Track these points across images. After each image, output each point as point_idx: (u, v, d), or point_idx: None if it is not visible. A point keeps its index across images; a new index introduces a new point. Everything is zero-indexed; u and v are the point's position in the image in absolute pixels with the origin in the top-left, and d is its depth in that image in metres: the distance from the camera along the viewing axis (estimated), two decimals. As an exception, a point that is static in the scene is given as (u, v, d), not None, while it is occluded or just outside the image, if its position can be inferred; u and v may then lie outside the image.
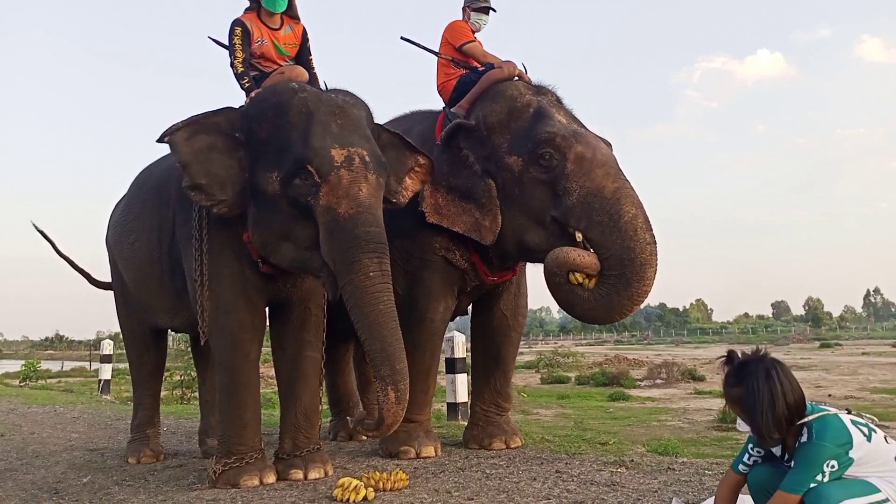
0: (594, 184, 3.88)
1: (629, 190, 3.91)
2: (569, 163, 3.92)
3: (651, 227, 3.84)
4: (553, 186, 3.95)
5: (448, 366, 6.52)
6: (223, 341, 3.89)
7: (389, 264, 3.53)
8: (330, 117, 3.66)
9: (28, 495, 4.07)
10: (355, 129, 3.71)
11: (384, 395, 3.33)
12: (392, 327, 3.45)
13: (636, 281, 3.74)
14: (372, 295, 3.42)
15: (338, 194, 3.48)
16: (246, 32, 4.17)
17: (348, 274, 3.43)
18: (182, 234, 4.08)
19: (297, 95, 3.70)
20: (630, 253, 3.75)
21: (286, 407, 4.13)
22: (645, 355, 24.27)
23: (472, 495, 3.41)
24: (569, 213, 3.89)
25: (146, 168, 5.00)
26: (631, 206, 3.84)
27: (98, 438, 6.19)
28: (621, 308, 3.81)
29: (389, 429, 3.43)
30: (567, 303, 3.94)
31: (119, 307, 5.32)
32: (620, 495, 3.30)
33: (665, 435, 5.91)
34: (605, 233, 3.80)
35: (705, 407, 8.87)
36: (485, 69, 4.47)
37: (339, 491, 3.42)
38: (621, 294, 3.76)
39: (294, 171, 3.53)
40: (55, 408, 8.72)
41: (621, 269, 3.75)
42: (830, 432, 2.24)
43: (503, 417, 4.78)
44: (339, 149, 3.55)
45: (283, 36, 4.31)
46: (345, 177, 3.50)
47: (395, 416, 3.36)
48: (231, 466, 3.82)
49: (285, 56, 4.31)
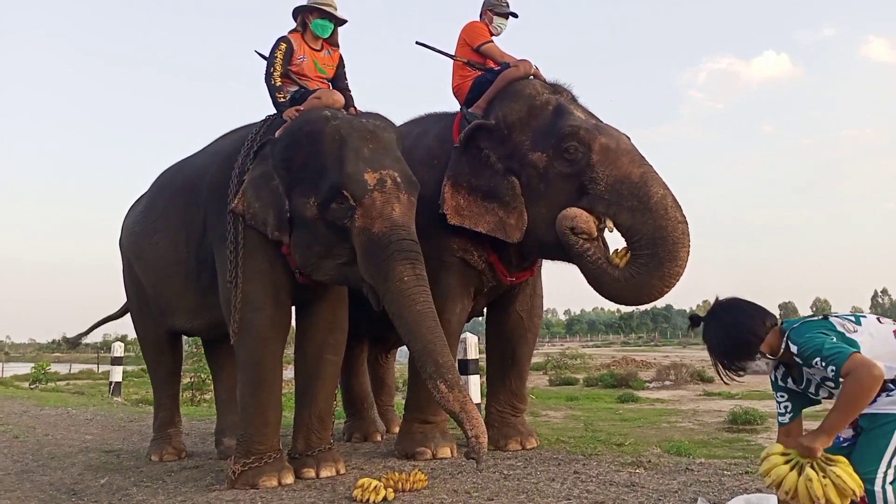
0: (621, 171, 3.90)
1: (655, 173, 3.93)
2: (594, 154, 3.94)
3: (681, 207, 3.85)
4: (579, 178, 3.97)
5: (461, 367, 6.48)
6: (250, 339, 3.94)
7: (425, 271, 3.61)
8: (362, 142, 3.80)
9: (47, 496, 4.10)
10: (386, 152, 3.85)
11: (436, 391, 3.37)
12: (431, 325, 3.51)
13: (668, 261, 3.75)
14: (408, 297, 3.51)
15: (372, 216, 3.62)
16: (290, 49, 4.34)
17: (385, 284, 3.55)
18: (215, 235, 4.16)
19: (329, 123, 3.84)
20: (662, 232, 3.75)
21: (301, 407, 4.18)
22: (653, 357, 24.23)
23: (492, 496, 3.42)
24: (597, 201, 3.90)
25: (169, 168, 5.06)
26: (659, 187, 3.86)
27: (112, 440, 6.21)
28: (651, 289, 3.81)
29: (469, 414, 3.34)
30: (596, 281, 3.93)
31: (134, 310, 5.36)
32: (641, 495, 3.30)
33: (676, 436, 5.90)
34: (636, 215, 3.81)
35: (715, 408, 8.85)
36: (500, 69, 4.49)
37: (358, 491, 3.43)
38: (653, 274, 3.77)
39: (330, 197, 3.69)
40: (67, 410, 8.74)
41: (653, 249, 3.75)
42: (807, 326, 2.36)
43: (518, 418, 4.78)
44: (371, 172, 3.69)
45: (322, 57, 4.47)
46: (378, 199, 3.64)
47: (459, 403, 3.35)
48: (250, 466, 3.85)
49: (323, 75, 4.47)
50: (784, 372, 2.52)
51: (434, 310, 3.58)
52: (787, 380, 2.52)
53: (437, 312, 4.30)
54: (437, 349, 3.46)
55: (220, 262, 4.08)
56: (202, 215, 4.33)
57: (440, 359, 3.43)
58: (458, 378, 3.46)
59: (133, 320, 5.40)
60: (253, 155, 4.03)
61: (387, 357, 6.10)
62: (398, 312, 3.54)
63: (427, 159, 4.46)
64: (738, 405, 8.25)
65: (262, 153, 3.99)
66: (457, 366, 5.47)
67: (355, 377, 5.66)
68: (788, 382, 2.52)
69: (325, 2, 4.37)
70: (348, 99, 4.37)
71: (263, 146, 4.02)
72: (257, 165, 3.95)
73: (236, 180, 4.00)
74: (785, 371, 2.51)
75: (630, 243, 3.86)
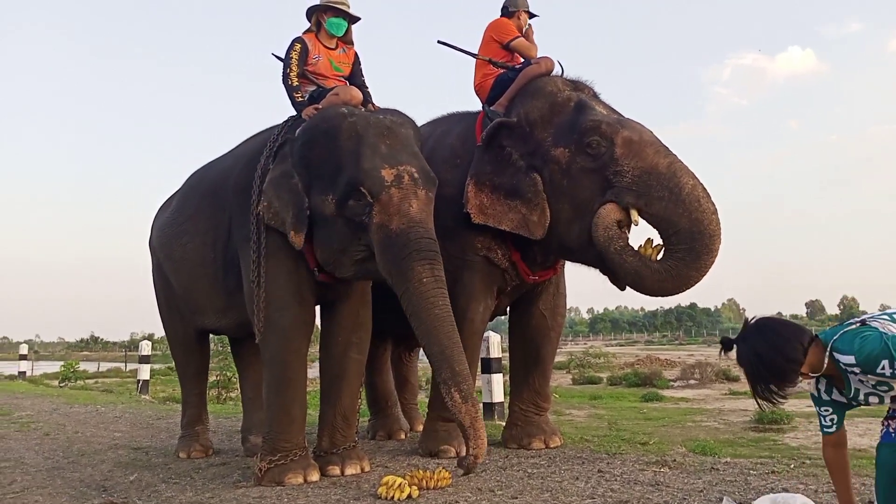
0: (647, 162, 3.89)
1: (681, 163, 3.92)
2: (617, 147, 3.93)
3: (710, 196, 3.85)
4: (602, 173, 3.96)
5: (484, 366, 6.51)
6: (275, 337, 3.97)
7: (443, 272, 3.63)
8: (378, 139, 3.81)
9: (77, 493, 4.15)
10: (403, 148, 3.86)
11: (450, 399, 3.40)
12: (449, 330, 3.53)
13: (705, 254, 3.77)
14: (427, 300, 3.53)
15: (389, 212, 3.63)
16: (305, 49, 4.38)
17: (403, 283, 3.57)
18: (239, 236, 4.21)
19: (346, 120, 3.86)
20: (699, 225, 3.76)
21: (326, 405, 4.21)
22: (677, 356, 24.03)
23: (516, 494, 3.43)
24: (624, 192, 3.89)
25: (198, 171, 5.13)
26: (688, 177, 3.85)
27: (141, 437, 6.29)
28: (688, 280, 3.84)
29: (477, 432, 3.38)
30: (636, 275, 3.90)
31: (162, 310, 5.43)
32: (666, 495, 3.29)
33: (701, 436, 5.85)
34: (669, 207, 3.80)
35: (741, 408, 8.76)
36: (521, 67, 4.49)
37: (383, 489, 3.45)
38: (690, 266, 3.79)
39: (347, 193, 3.71)
40: (96, 407, 8.87)
41: (691, 243, 3.76)
42: (850, 334, 2.31)
43: (542, 417, 4.78)
44: (388, 168, 3.70)
45: (337, 55, 4.51)
46: (395, 195, 3.65)
47: (470, 416, 3.38)
48: (276, 464, 3.88)
49: (339, 73, 4.49)
50: (827, 384, 2.47)
51: (452, 314, 3.59)
52: (832, 391, 2.47)
53: (460, 311, 4.33)
54: (455, 356, 3.48)
55: (245, 262, 4.12)
56: (227, 217, 4.39)
57: (457, 366, 3.45)
58: (472, 389, 3.48)
59: (162, 319, 5.47)
60: (273, 155, 4.07)
61: (410, 356, 6.12)
62: (416, 314, 3.56)
63: (450, 159, 4.47)
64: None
65: (282, 153, 4.02)
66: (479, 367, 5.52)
67: (379, 375, 5.69)
68: (833, 394, 2.47)
69: (338, 0, 4.40)
70: (366, 95, 4.39)
71: (283, 146, 4.06)
72: (277, 165, 3.99)
73: (258, 181, 4.04)
74: (828, 383, 2.46)
75: (665, 236, 3.86)
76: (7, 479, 4.56)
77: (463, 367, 3.47)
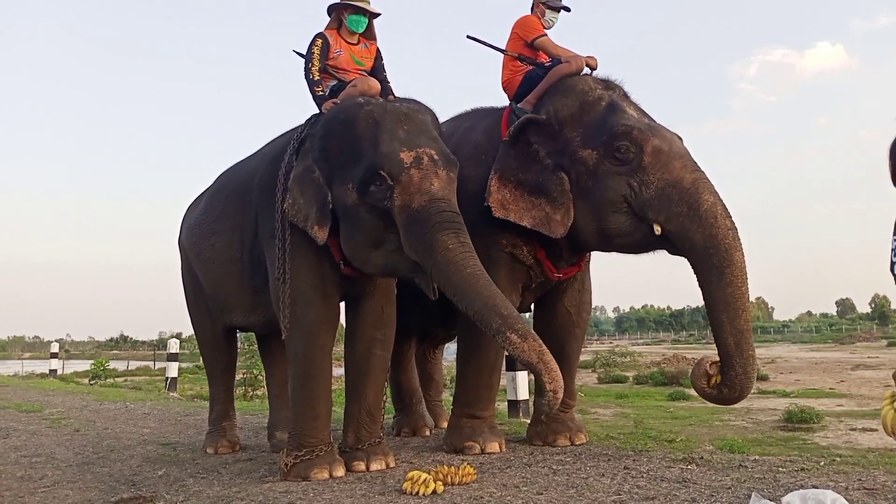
0: (672, 175, 3.87)
1: (707, 180, 3.89)
2: (646, 155, 3.91)
3: (730, 215, 3.81)
4: (628, 179, 3.94)
5: (508, 363, 6.50)
6: (300, 333, 3.99)
7: (469, 240, 3.58)
8: (396, 124, 3.81)
9: (107, 487, 4.22)
10: (421, 133, 3.85)
11: (508, 343, 3.33)
12: (485, 284, 3.47)
13: (727, 266, 3.71)
14: (456, 264, 3.47)
15: (410, 191, 3.61)
16: (326, 45, 4.40)
17: (431, 256, 3.51)
18: (265, 233, 4.24)
19: (363, 109, 3.88)
20: (713, 240, 3.72)
21: (351, 402, 4.22)
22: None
23: (541, 490, 3.41)
24: (647, 205, 3.88)
25: (227, 170, 5.18)
26: (709, 194, 3.82)
27: (169, 433, 6.37)
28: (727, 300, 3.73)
29: (547, 365, 3.32)
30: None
31: (191, 307, 5.49)
32: (693, 491, 3.25)
33: (729, 434, 5.80)
34: (686, 223, 3.78)
35: (769, 407, 8.67)
36: (551, 64, 4.46)
37: (408, 484, 3.46)
38: (720, 285, 3.72)
39: (368, 179, 3.69)
40: (126, 404, 8.99)
41: (708, 260, 3.73)
42: None
43: (567, 414, 4.75)
44: (407, 151, 3.70)
45: (359, 50, 4.52)
46: (415, 175, 3.64)
47: (535, 352, 3.32)
48: (302, 459, 3.90)
49: (360, 67, 4.50)
50: None
51: (484, 272, 3.52)
52: None
53: None
54: (499, 303, 3.41)
55: (270, 259, 4.15)
56: (254, 215, 4.42)
57: (504, 311, 3.38)
58: (528, 329, 3.40)
59: (191, 316, 5.53)
60: (296, 152, 4.09)
61: (434, 353, 6.13)
62: (448, 280, 3.48)
63: (475, 154, 4.45)
64: (793, 403, 8.08)
65: (303, 149, 4.05)
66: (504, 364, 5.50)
67: (404, 372, 5.70)
68: None
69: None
70: (386, 89, 4.38)
71: (304, 142, 4.08)
72: (300, 162, 4.01)
73: (283, 179, 4.06)
74: None
75: (684, 254, 3.86)
76: (39, 474, 4.64)
77: (511, 311, 3.40)
